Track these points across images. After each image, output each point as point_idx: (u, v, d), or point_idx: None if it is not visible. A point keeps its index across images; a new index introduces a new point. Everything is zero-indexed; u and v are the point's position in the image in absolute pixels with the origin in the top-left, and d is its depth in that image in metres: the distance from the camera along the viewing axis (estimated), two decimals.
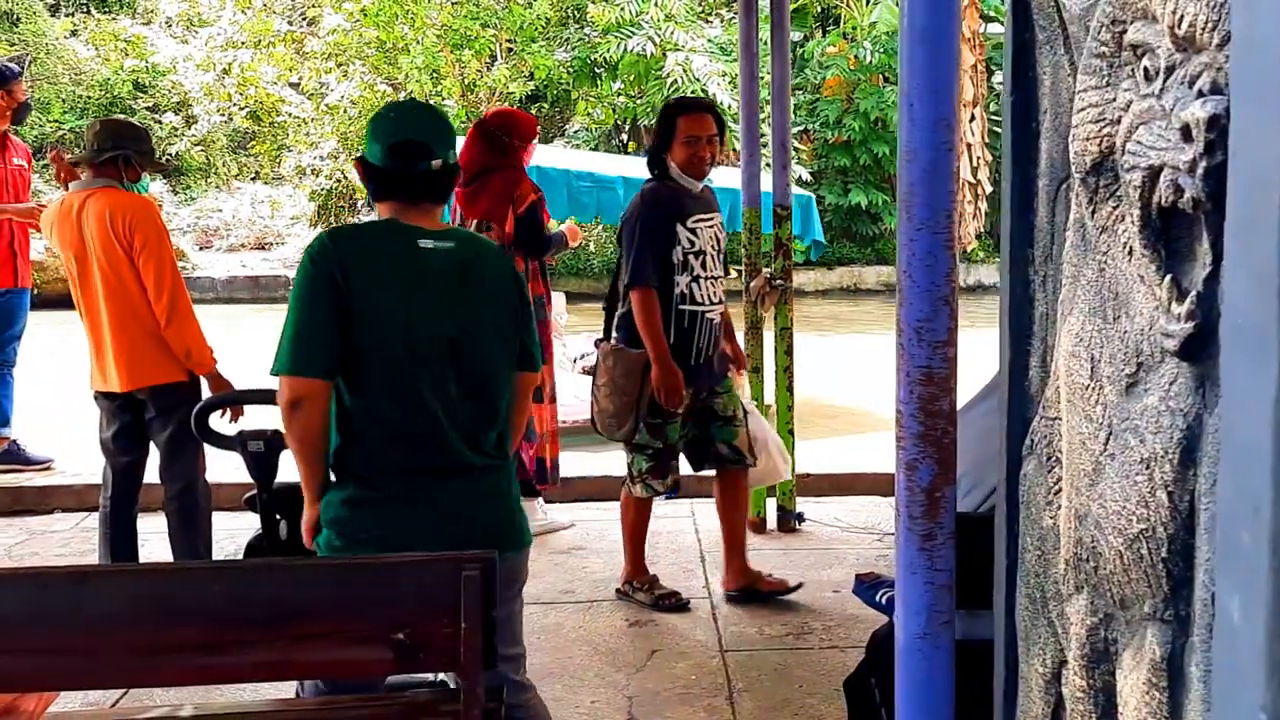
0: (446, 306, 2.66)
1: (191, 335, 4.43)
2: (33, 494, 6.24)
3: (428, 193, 2.75)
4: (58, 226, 4.48)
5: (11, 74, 6.36)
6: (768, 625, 4.65)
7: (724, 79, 18.44)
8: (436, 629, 2.06)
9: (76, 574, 2.10)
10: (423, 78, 18.14)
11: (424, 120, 2.84)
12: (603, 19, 19.00)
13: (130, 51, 21.01)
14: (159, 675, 2.09)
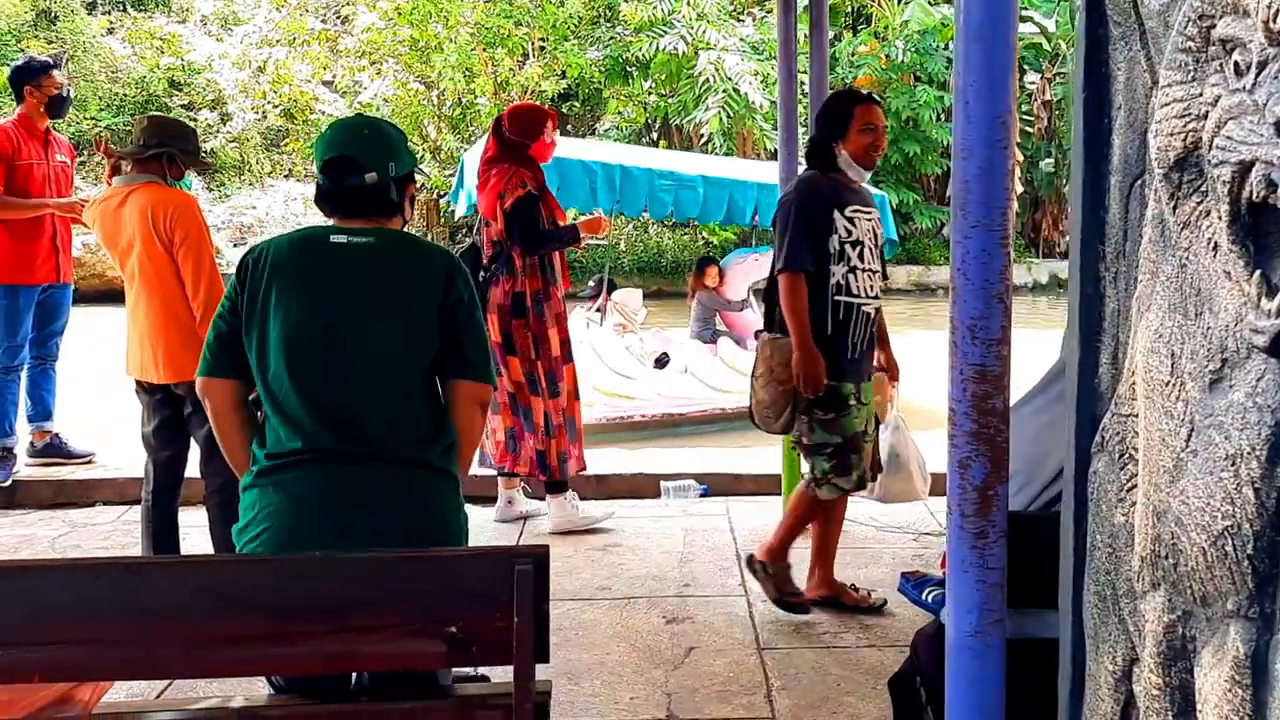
0: (332, 292, 2.66)
1: None
2: (75, 487, 6.31)
3: (363, 207, 2.79)
4: (100, 220, 4.53)
5: (40, 66, 6.40)
6: (804, 624, 4.64)
7: (756, 78, 18.42)
8: (488, 622, 2.07)
9: (133, 565, 2.12)
10: (456, 76, 18.19)
11: (358, 136, 2.85)
12: (635, 18, 19.01)
13: (166, 49, 21.18)
14: (213, 666, 2.10)
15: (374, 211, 2.80)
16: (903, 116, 20.47)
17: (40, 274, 6.33)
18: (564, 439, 5.66)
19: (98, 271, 16.83)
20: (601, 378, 9.61)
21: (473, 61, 18.24)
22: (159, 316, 4.47)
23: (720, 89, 18.53)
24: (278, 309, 2.65)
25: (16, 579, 2.02)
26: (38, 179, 6.27)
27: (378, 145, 2.82)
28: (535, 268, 5.50)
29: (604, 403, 9.43)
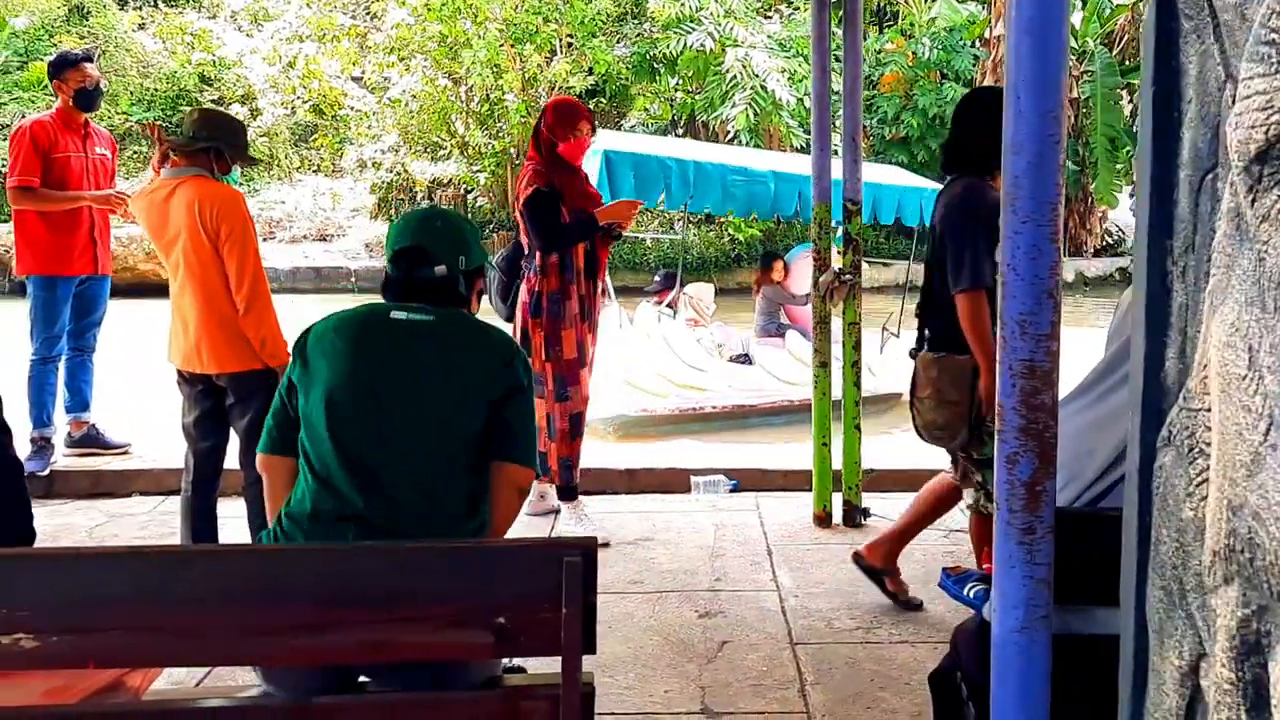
0: (385, 360, 2.67)
1: (268, 326, 4.50)
2: (111, 477, 6.36)
3: (430, 298, 2.80)
4: (147, 212, 4.57)
5: (69, 59, 6.44)
6: (836, 619, 4.64)
7: (783, 75, 18.39)
8: (536, 614, 2.08)
9: (187, 554, 2.14)
10: (484, 72, 18.24)
11: (430, 228, 2.87)
12: (663, 14, 19.01)
13: (197, 45, 21.33)
14: (262, 654, 2.13)
15: (440, 302, 2.81)
16: (929, 114, 20.40)
17: (77, 266, 6.38)
18: (565, 444, 5.58)
19: (130, 265, 16.97)
20: (674, 370, 9.77)
21: (501, 58, 18.28)
22: (202, 308, 4.50)
23: (747, 85, 18.52)
24: (330, 374, 2.67)
25: (75, 566, 2.05)
26: (75, 171, 6.31)
27: (449, 238, 2.85)
28: (554, 267, 5.44)
29: (677, 394, 9.63)
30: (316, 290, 17.45)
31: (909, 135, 20.22)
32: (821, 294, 5.85)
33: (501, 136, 19.20)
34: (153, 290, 16.14)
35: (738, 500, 6.29)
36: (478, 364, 2.70)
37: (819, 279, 5.85)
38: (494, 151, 19.15)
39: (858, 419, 5.90)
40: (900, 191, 10.55)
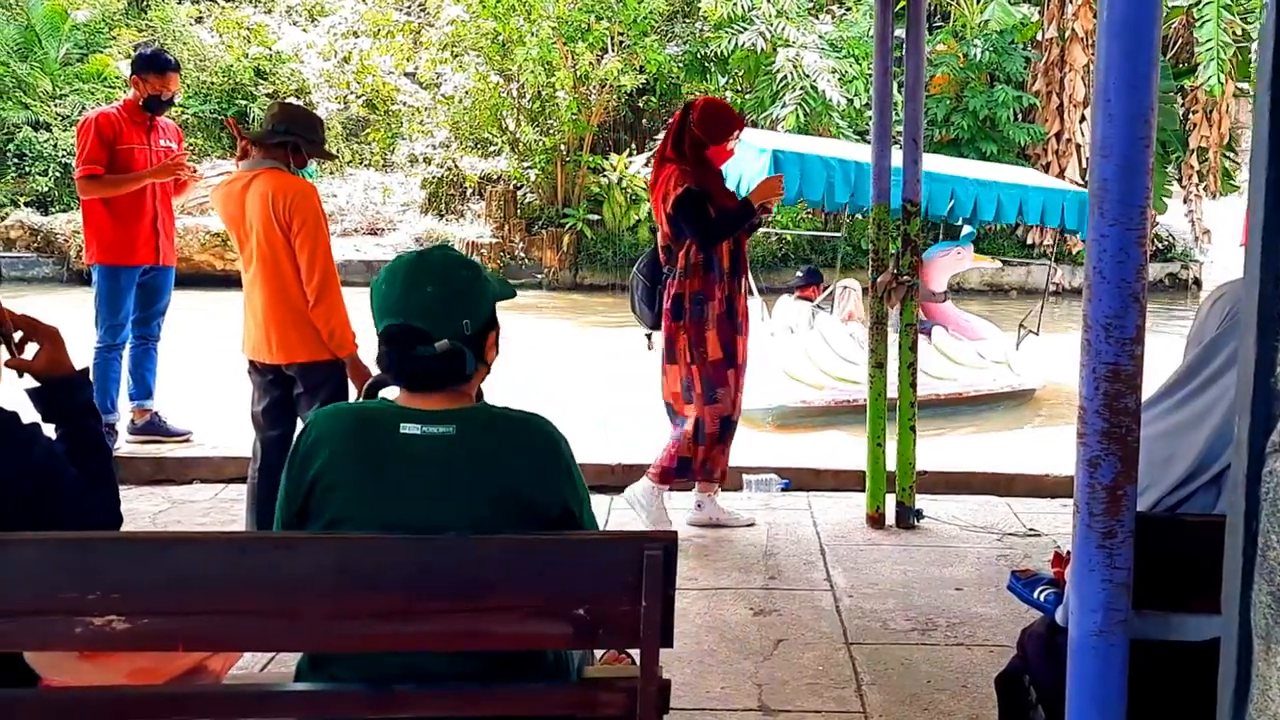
0: (400, 505, 2.25)
1: (337, 318, 4.57)
2: (173, 464, 6.47)
3: (431, 381, 2.35)
4: (224, 202, 4.65)
5: (154, 64, 6.53)
6: (891, 620, 4.65)
7: (833, 75, 18.35)
8: (616, 606, 2.10)
9: (278, 540, 2.18)
10: (536, 69, 18.31)
11: (422, 296, 2.35)
12: (715, 14, 19.02)
13: (253, 39, 21.57)
14: (348, 640, 2.15)
15: (442, 384, 2.35)
16: (980, 116, 20.28)
17: (140, 256, 6.49)
18: (713, 448, 5.51)
19: (186, 255, 17.18)
20: (829, 363, 10.00)
21: (553, 55, 18.36)
22: (272, 299, 4.58)
23: (797, 86, 18.49)
24: (334, 512, 2.29)
25: (168, 550, 2.09)
26: (140, 163, 6.43)
27: (446, 302, 2.35)
28: (698, 267, 5.36)
29: (832, 386, 9.92)
30: (366, 283, 17.55)
31: (959, 137, 20.12)
32: (879, 294, 5.85)
33: (552, 133, 19.27)
34: (210, 281, 16.37)
35: (789, 499, 6.31)
36: (518, 486, 2.29)
37: (877, 280, 5.85)
38: (544, 148, 19.22)
39: (913, 420, 5.91)
40: (1027, 191, 10.68)
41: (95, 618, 2.05)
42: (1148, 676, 2.14)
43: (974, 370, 10.68)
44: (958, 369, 10.59)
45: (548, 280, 19.32)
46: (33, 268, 17.75)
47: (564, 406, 4.31)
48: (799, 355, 10.12)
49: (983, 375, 10.72)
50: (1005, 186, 10.51)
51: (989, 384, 10.73)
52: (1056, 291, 18.93)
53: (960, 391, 10.55)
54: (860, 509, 5.93)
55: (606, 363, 11.88)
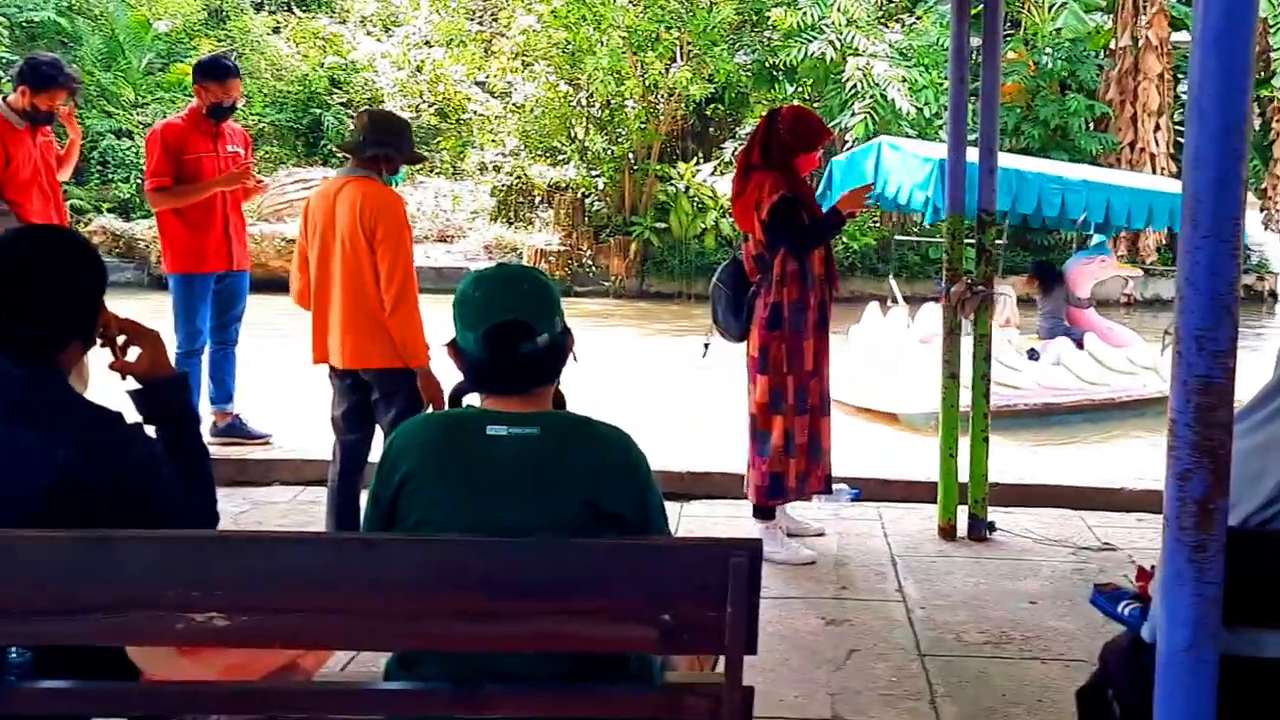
0: (488, 504, 2.33)
1: (411, 328, 4.64)
2: (254, 467, 6.57)
3: (533, 377, 2.44)
4: (316, 206, 4.76)
5: (213, 71, 6.62)
6: (965, 632, 4.63)
7: (903, 84, 18.27)
8: (701, 612, 2.11)
9: (370, 540, 2.23)
10: (606, 78, 18.40)
11: (520, 292, 2.46)
12: (784, 23, 19.01)
13: (328, 49, 21.91)
14: (433, 639, 2.19)
15: (539, 382, 2.46)
16: (1051, 125, 20.08)
17: (212, 263, 6.62)
18: (805, 459, 5.44)
19: (262, 261, 17.44)
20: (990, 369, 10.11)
21: (623, 65, 18.44)
22: (351, 305, 4.67)
23: (866, 95, 18.44)
24: (422, 514, 2.37)
25: (269, 549, 2.15)
26: (208, 170, 6.55)
27: (542, 299, 2.46)
28: (794, 275, 5.31)
29: (992, 392, 9.94)
30: (436, 290, 17.74)
31: (1029, 146, 19.93)
32: (953, 304, 5.83)
33: (620, 142, 19.35)
34: (286, 286, 16.57)
35: (859, 510, 6.29)
36: (599, 489, 2.37)
37: (950, 289, 5.83)
38: (613, 157, 19.31)
39: (985, 431, 5.88)
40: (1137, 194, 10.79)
41: (197, 614, 2.10)
42: (1237, 693, 2.12)
43: (1126, 376, 10.81)
44: (1110, 375, 10.76)
45: (614, 288, 19.39)
46: (115, 273, 17.92)
47: (631, 414, 4.35)
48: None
49: (1134, 381, 10.86)
50: (1118, 189, 10.65)
51: (1139, 389, 10.87)
52: None
53: (1113, 397, 10.76)
54: (932, 520, 5.90)
55: (672, 370, 11.91)
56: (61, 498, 2.26)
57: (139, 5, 21.85)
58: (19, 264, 2.41)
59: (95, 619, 2.12)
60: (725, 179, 19.16)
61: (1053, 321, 11.16)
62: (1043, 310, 11.36)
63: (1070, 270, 11.37)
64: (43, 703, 2.22)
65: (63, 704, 2.24)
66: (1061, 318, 11.16)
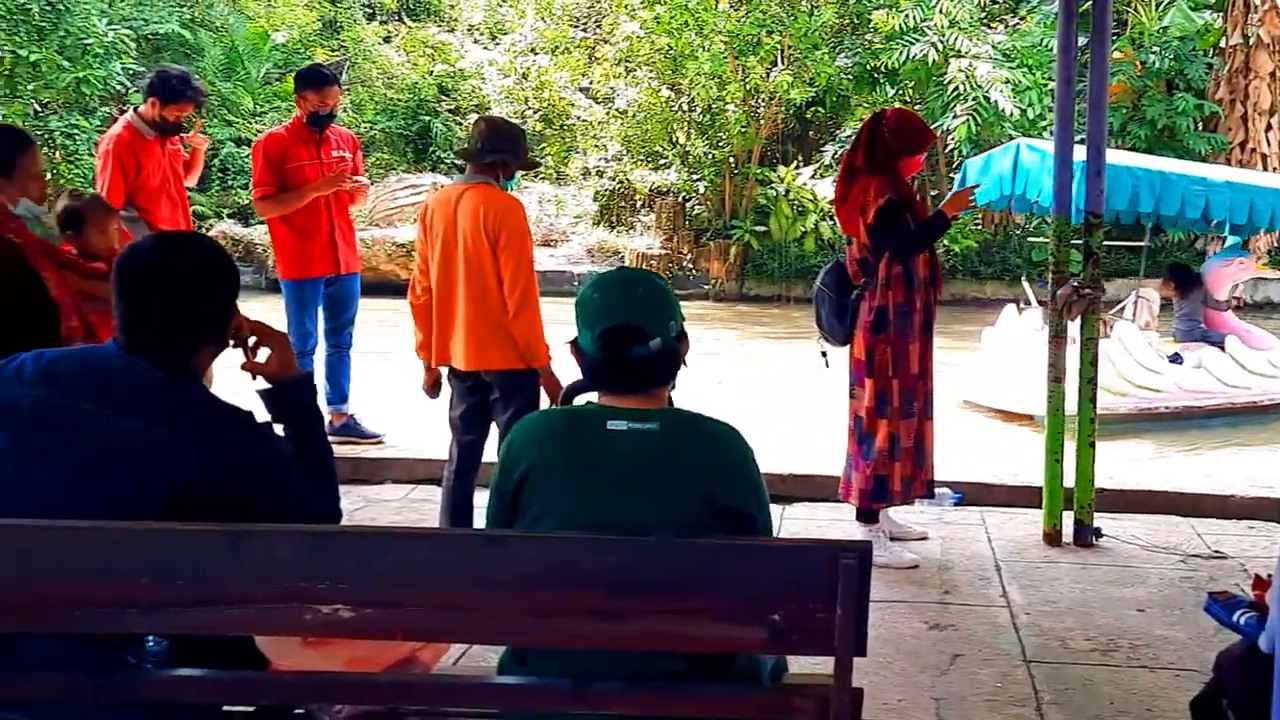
0: (608, 493, 2.42)
1: (534, 330, 4.77)
2: (368, 465, 6.74)
3: (647, 379, 2.53)
4: (436, 211, 4.89)
5: (310, 81, 6.79)
6: (1071, 639, 4.60)
7: (1007, 86, 18.03)
8: (810, 613, 2.14)
9: (489, 537, 2.30)
10: (707, 83, 18.44)
11: (634, 297, 2.55)
12: (886, 26, 18.88)
13: (437, 57, 22.31)
14: (550, 636, 2.25)
15: (655, 383, 2.55)
16: (1158, 125, 19.64)
17: (320, 267, 6.80)
18: (910, 463, 5.43)
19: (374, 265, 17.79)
20: (1131, 370, 10.23)
21: (724, 69, 18.47)
22: (473, 309, 4.79)
23: (969, 97, 18.22)
24: (544, 507, 2.47)
25: (393, 544, 2.23)
26: (312, 178, 6.71)
27: (657, 304, 2.56)
28: (899, 278, 5.32)
29: (1135, 394, 10.18)
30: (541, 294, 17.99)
31: (1135, 147, 19.51)
32: (1059, 308, 5.77)
33: (721, 146, 19.39)
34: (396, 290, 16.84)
35: (962, 514, 6.26)
36: (714, 482, 2.45)
37: (1056, 292, 5.78)
38: (714, 161, 19.35)
39: (1092, 436, 5.81)
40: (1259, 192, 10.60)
41: (323, 606, 2.17)
42: None
43: (1267, 379, 10.72)
44: (1252, 378, 10.66)
45: (714, 291, 19.40)
46: None
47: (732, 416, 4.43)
48: (1100, 362, 10.18)
49: (1275, 384, 10.77)
50: (1263, 190, 10.46)
51: None
52: None
53: (1254, 400, 10.68)
54: (1036, 526, 5.86)
55: (773, 372, 11.91)
56: (196, 493, 2.36)
57: (257, 17, 22.44)
58: (157, 270, 2.52)
59: (227, 610, 2.21)
60: (825, 182, 19.08)
61: (1190, 324, 11.05)
62: (1179, 313, 11.25)
63: (1209, 272, 11.24)
64: (177, 690, 2.32)
65: (195, 692, 2.34)
66: (1199, 320, 11.05)
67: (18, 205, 4.02)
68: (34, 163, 4.13)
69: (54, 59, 17.82)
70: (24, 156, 4.09)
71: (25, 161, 4.08)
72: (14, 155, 4.06)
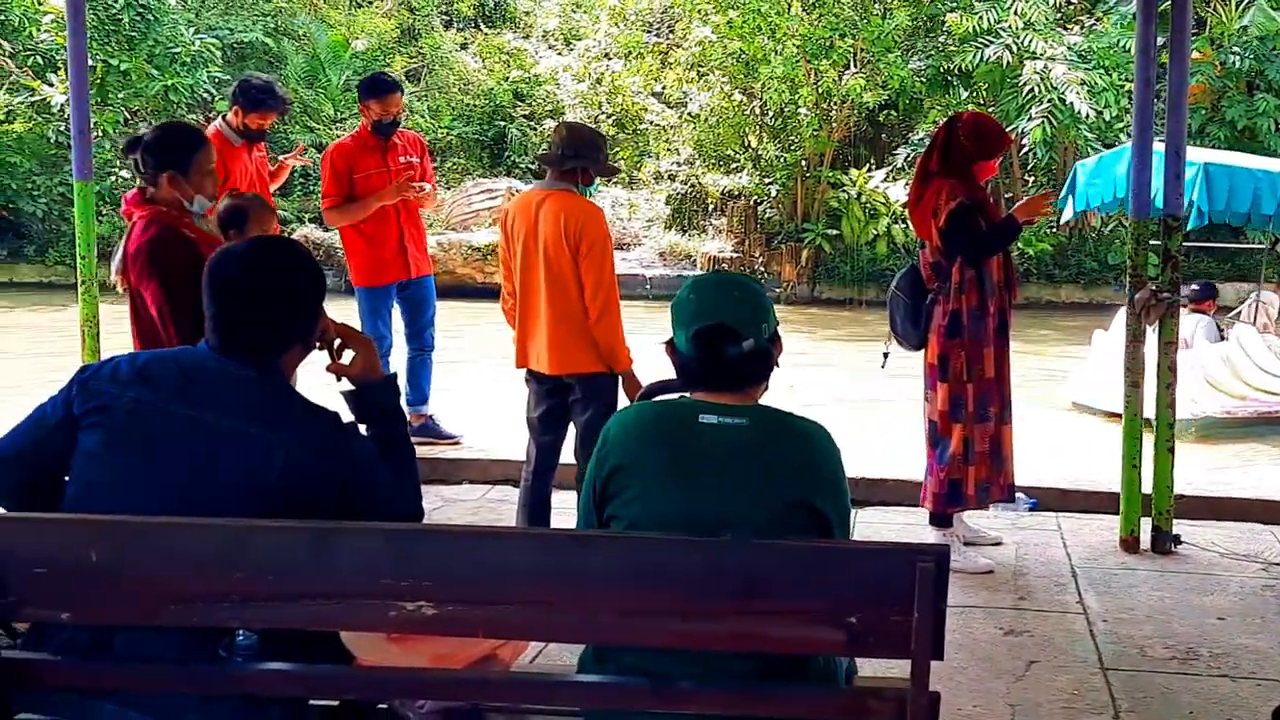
0: (700, 484, 2.46)
1: (615, 335, 4.84)
2: (445, 465, 6.82)
3: (740, 378, 2.57)
4: (517, 216, 4.96)
5: (372, 89, 6.84)
6: (1149, 647, 4.54)
7: (1082, 87, 17.80)
8: (887, 616, 2.15)
9: (571, 537, 2.34)
10: (780, 87, 18.42)
11: (730, 299, 2.60)
12: (960, 28, 18.72)
13: (512, 63, 22.54)
14: (630, 635, 2.28)
15: (748, 382, 2.60)
16: (1239, 126, 19.27)
17: (390, 273, 6.88)
18: (986, 467, 5.39)
19: (449, 269, 17.98)
20: (1251, 374, 10.23)
21: (797, 73, 18.43)
22: (555, 313, 4.85)
23: (1044, 99, 18.01)
24: (635, 494, 2.51)
25: (476, 543, 2.28)
26: (380, 185, 6.76)
27: (751, 306, 2.60)
28: (972, 282, 5.28)
29: (1254, 398, 10.13)
30: None
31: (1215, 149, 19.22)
32: (1137, 311, 5.71)
33: (793, 149, 19.36)
34: (471, 293, 17.04)
35: (1037, 519, 6.21)
36: (801, 478, 2.50)
37: (1134, 295, 5.72)
38: (786, 164, 19.33)
39: (1170, 441, 5.73)
40: None
41: (407, 603, 2.23)
42: None
43: None
44: None
45: (786, 294, 19.36)
46: None
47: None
48: (1218, 365, 10.17)
49: None
50: None
51: None
52: None
53: None
54: (1113, 532, 5.79)
55: (845, 376, 11.88)
56: (285, 491, 2.43)
57: (338, 26, 22.83)
58: (248, 274, 2.60)
59: (314, 606, 2.27)
60: (898, 185, 18.96)
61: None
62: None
63: None
64: (266, 683, 2.39)
65: (284, 685, 2.40)
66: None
67: (193, 203, 4.09)
68: (208, 160, 4.18)
69: (143, 68, 18.25)
70: (199, 154, 4.14)
71: (200, 159, 4.13)
72: (190, 153, 4.11)
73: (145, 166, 4.11)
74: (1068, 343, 14.59)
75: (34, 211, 19.52)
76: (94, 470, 2.47)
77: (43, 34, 18.61)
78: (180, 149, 4.12)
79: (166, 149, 4.11)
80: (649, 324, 12.84)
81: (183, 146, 4.15)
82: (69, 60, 6.30)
